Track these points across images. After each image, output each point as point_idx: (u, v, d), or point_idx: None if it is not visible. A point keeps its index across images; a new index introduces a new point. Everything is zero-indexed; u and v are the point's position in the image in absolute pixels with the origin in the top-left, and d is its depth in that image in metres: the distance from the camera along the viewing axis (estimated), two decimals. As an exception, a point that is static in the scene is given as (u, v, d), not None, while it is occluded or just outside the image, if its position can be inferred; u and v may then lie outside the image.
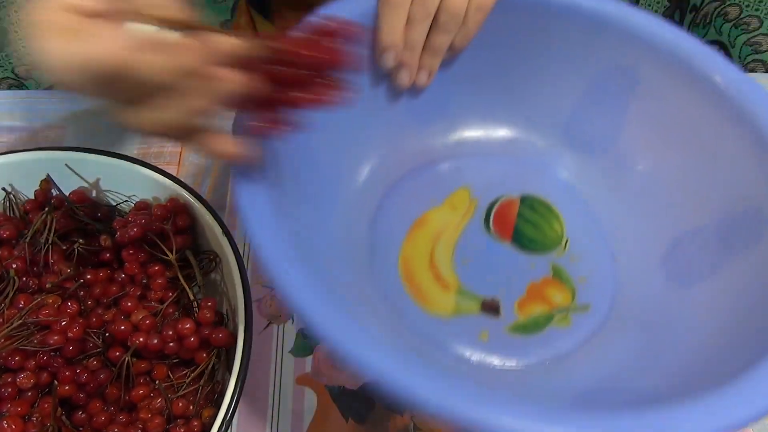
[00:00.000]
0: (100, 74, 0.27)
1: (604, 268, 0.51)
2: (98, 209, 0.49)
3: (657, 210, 0.50)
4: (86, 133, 0.60)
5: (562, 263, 0.51)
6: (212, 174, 0.59)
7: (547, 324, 0.48)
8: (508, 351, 0.46)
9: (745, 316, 0.39)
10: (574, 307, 0.49)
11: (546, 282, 0.50)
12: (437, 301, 0.48)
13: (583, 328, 0.48)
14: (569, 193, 0.54)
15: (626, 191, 0.52)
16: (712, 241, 0.45)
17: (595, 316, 0.48)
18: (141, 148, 0.61)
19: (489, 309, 0.48)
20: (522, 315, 0.48)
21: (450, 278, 0.49)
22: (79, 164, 0.49)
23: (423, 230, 0.52)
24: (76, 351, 0.43)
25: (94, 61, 0.27)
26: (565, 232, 0.52)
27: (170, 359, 0.44)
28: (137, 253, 0.46)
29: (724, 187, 0.44)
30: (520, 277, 0.50)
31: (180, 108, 0.28)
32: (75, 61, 0.27)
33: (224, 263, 0.46)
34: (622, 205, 0.53)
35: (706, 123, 0.45)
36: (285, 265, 0.34)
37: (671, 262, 0.48)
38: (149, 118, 0.29)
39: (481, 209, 0.53)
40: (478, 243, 0.51)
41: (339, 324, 0.32)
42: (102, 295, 0.46)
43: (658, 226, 0.50)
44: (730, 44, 0.83)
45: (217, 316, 0.44)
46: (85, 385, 0.42)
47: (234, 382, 0.40)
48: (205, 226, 0.47)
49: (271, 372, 0.50)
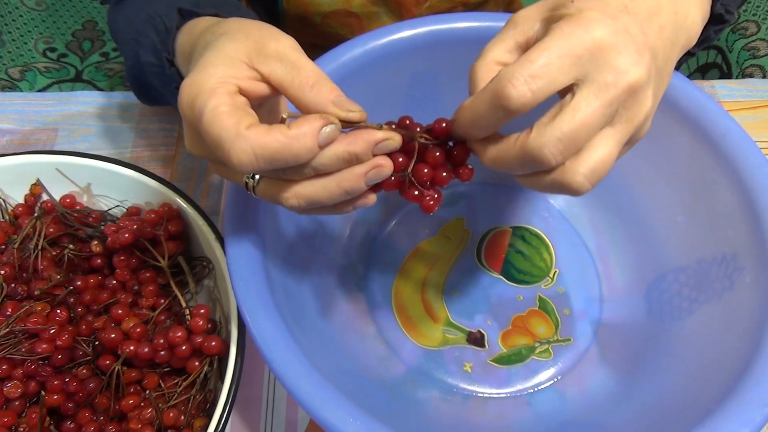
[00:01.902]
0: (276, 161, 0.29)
1: (590, 302, 0.52)
2: (89, 214, 0.49)
3: (646, 245, 0.51)
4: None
5: (548, 295, 0.52)
6: (205, 179, 0.59)
7: (529, 355, 0.49)
8: (490, 381, 0.48)
9: (720, 356, 0.40)
10: (556, 339, 0.50)
11: (531, 314, 0.51)
12: (426, 332, 0.50)
13: (564, 360, 0.49)
14: (561, 223, 0.56)
15: (619, 224, 0.54)
16: (692, 281, 0.46)
17: (577, 348, 0.50)
18: (134, 152, 0.60)
19: (474, 341, 0.50)
20: (505, 347, 0.50)
21: (439, 310, 0.51)
22: (70, 168, 0.49)
23: (417, 261, 0.53)
24: (65, 359, 0.42)
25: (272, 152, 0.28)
26: (555, 262, 0.54)
27: (161, 368, 0.44)
28: (128, 259, 0.46)
29: (709, 230, 0.45)
30: (507, 309, 0.51)
31: (333, 185, 0.31)
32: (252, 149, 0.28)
33: (217, 270, 0.45)
34: (613, 238, 0.54)
35: (698, 166, 0.45)
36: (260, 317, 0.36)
37: (654, 297, 0.49)
38: (301, 193, 0.31)
39: (474, 240, 0.55)
40: (468, 274, 0.53)
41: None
42: (92, 302, 0.46)
43: (645, 262, 0.51)
44: (727, 49, 0.83)
45: (210, 323, 0.44)
46: (74, 394, 0.42)
47: (226, 391, 0.39)
48: (198, 232, 0.47)
49: (265, 381, 0.49)
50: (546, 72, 0.28)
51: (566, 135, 0.28)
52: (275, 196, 0.31)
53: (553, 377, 0.48)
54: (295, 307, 0.42)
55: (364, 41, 0.45)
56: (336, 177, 0.30)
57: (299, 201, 0.31)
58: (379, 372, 0.47)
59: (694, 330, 0.44)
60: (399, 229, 0.55)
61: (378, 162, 0.31)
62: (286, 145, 0.28)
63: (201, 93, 0.29)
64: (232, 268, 0.37)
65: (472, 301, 0.52)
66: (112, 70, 0.92)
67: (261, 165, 0.28)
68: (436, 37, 0.46)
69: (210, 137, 0.29)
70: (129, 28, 0.49)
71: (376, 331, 0.50)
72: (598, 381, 0.47)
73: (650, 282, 0.50)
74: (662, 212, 0.49)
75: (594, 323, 0.51)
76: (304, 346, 0.36)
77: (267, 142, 0.28)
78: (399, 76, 0.48)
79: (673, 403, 0.40)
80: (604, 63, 0.28)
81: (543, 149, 0.28)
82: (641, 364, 0.46)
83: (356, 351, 0.47)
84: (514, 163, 0.30)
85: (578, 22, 0.29)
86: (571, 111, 0.28)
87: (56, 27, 0.93)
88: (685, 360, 0.43)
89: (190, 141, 0.33)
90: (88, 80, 0.91)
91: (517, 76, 0.28)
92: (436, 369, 0.48)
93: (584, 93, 0.28)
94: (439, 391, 0.47)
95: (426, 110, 0.38)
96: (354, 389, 0.40)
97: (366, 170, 0.30)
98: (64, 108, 0.63)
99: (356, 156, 0.30)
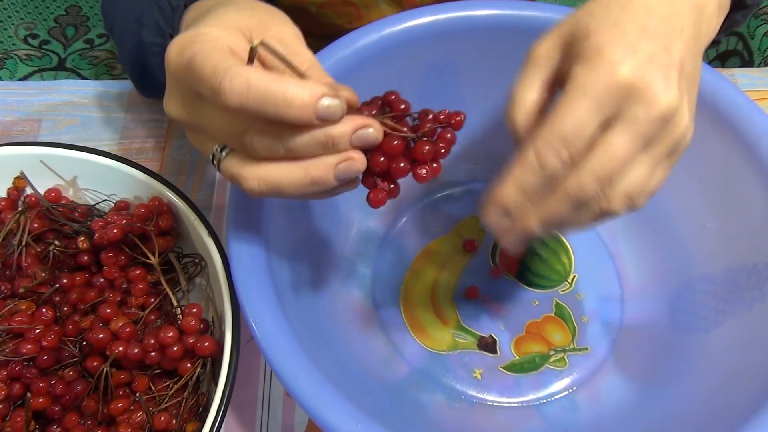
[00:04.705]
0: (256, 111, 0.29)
1: (610, 309, 0.52)
2: (75, 209, 0.49)
3: (672, 252, 0.51)
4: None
5: (565, 301, 0.52)
6: (197, 172, 0.59)
7: (543, 363, 0.49)
8: (501, 389, 0.48)
9: (747, 371, 0.40)
10: (572, 348, 0.50)
11: (547, 320, 0.51)
12: (434, 335, 0.50)
13: (580, 370, 0.49)
14: None
15: (644, 227, 0.53)
16: (719, 291, 0.46)
17: (594, 358, 0.50)
18: (121, 144, 0.61)
19: (485, 347, 0.50)
20: (518, 354, 0.50)
21: (449, 313, 0.51)
22: (54, 161, 0.49)
23: (427, 260, 0.53)
24: (51, 361, 0.43)
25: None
26: (574, 267, 0.54)
27: (152, 370, 0.44)
28: (117, 256, 0.46)
29: (740, 238, 0.45)
30: (521, 314, 0.51)
31: (300, 173, 0.31)
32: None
33: (210, 267, 0.46)
34: (637, 242, 0.53)
35: (731, 169, 0.45)
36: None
37: (678, 307, 0.49)
38: (264, 176, 0.31)
39: (489, 240, 0.55)
40: (482, 276, 0.53)
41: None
42: (79, 300, 0.46)
43: (670, 269, 0.51)
44: (749, 35, 0.83)
45: (203, 323, 0.44)
46: (61, 397, 0.42)
47: (220, 394, 0.40)
48: (189, 228, 0.47)
49: (260, 384, 0.49)
50: (578, 133, 0.30)
51: (601, 172, 0.30)
52: (237, 175, 0.31)
53: (567, 387, 0.48)
54: (297, 303, 0.42)
55: (380, 27, 0.45)
56: (304, 163, 0.30)
57: (260, 185, 0.31)
58: (382, 373, 0.47)
59: (720, 343, 0.44)
60: (410, 226, 0.55)
61: (350, 155, 0.31)
62: (282, 90, 0.28)
63: (194, 43, 0.30)
64: (233, 260, 0.38)
65: (485, 304, 0.52)
66: (97, 58, 0.92)
67: (250, 99, 0.28)
68: (457, 24, 0.46)
69: (203, 71, 0.29)
70: (129, 9, 0.50)
71: (382, 331, 0.50)
72: (615, 393, 0.47)
73: (675, 291, 0.49)
74: (690, 217, 0.49)
75: (613, 332, 0.50)
76: (305, 343, 0.36)
77: (266, 78, 0.28)
78: (415, 65, 0.48)
79: (693, 418, 0.40)
80: (633, 99, 0.30)
81: (583, 186, 0.30)
82: (661, 377, 0.46)
83: (360, 351, 0.47)
84: (560, 208, 0.31)
85: (599, 66, 0.30)
86: (606, 148, 0.30)
87: (38, 12, 0.93)
88: (708, 374, 0.43)
89: (169, 97, 0.33)
90: (72, 68, 0.91)
91: (552, 146, 0.30)
92: (444, 374, 0.48)
93: (617, 130, 0.30)
94: (445, 395, 0.47)
95: (443, 102, 0.38)
96: (355, 390, 0.40)
97: (338, 161, 0.30)
98: (48, 97, 0.64)
99: (332, 139, 0.30)
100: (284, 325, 0.37)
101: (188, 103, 0.32)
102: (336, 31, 0.46)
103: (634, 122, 0.30)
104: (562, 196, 0.31)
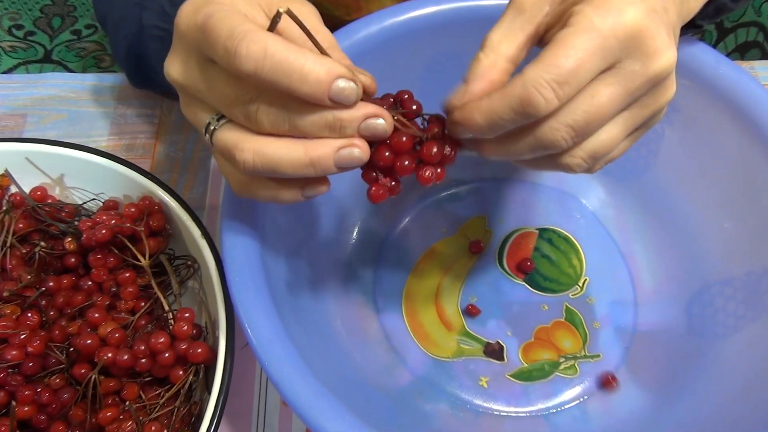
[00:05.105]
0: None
1: (623, 314, 0.51)
2: (62, 208, 0.49)
3: (689, 253, 0.50)
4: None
5: (576, 306, 0.51)
6: (190, 169, 0.59)
7: (553, 371, 0.49)
8: (508, 398, 0.48)
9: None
10: (583, 354, 0.50)
11: (557, 325, 0.51)
12: (438, 341, 0.50)
13: (591, 378, 0.49)
14: (594, 226, 0.55)
15: (659, 227, 0.52)
16: (739, 295, 0.45)
17: (607, 365, 0.49)
18: (110, 141, 0.60)
19: (492, 354, 0.50)
20: (527, 361, 0.49)
21: (454, 317, 0.51)
22: (40, 158, 0.49)
23: (431, 262, 0.53)
24: (36, 367, 0.42)
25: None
26: (585, 270, 0.53)
27: (142, 377, 0.44)
28: (105, 258, 0.46)
29: (761, 238, 0.45)
30: (530, 319, 0.51)
31: (300, 151, 0.30)
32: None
33: (203, 269, 0.45)
34: (651, 243, 0.53)
35: (750, 166, 0.45)
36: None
37: (695, 312, 0.48)
38: (262, 149, 0.30)
39: (496, 241, 0.54)
40: (488, 279, 0.53)
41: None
42: (66, 304, 0.46)
43: (687, 272, 0.50)
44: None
45: (196, 329, 0.44)
46: (47, 405, 0.42)
47: (214, 403, 0.39)
48: (181, 228, 0.47)
49: (255, 392, 0.49)
50: (575, 77, 0.28)
51: (578, 123, 0.29)
52: (232, 145, 0.31)
53: (578, 396, 0.48)
54: (295, 307, 0.42)
55: (381, 18, 0.45)
56: (305, 142, 0.30)
57: (255, 158, 0.30)
58: (383, 381, 0.47)
59: (740, 349, 0.43)
60: (413, 226, 0.55)
61: (355, 141, 0.30)
62: (300, 63, 0.28)
63: (210, 4, 0.29)
64: (228, 262, 0.38)
65: (491, 308, 0.51)
66: (85, 50, 0.92)
67: (265, 67, 0.28)
68: (463, 14, 0.46)
69: (218, 32, 0.28)
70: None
71: (384, 337, 0.50)
72: (629, 402, 0.47)
73: (692, 294, 0.49)
74: (708, 217, 0.49)
75: (626, 338, 0.50)
76: (303, 349, 0.36)
77: (284, 47, 0.28)
78: (417, 58, 0.48)
79: (710, 430, 0.40)
80: (637, 49, 0.29)
81: (555, 134, 0.29)
82: (677, 385, 0.45)
83: (360, 357, 0.47)
84: (524, 151, 0.30)
85: (607, 7, 0.28)
86: (590, 97, 0.29)
87: (23, 2, 0.92)
88: (727, 382, 0.42)
89: (174, 58, 0.32)
90: (58, 61, 0.91)
91: (544, 84, 0.28)
92: (448, 382, 0.48)
93: (608, 80, 0.29)
94: (449, 405, 0.47)
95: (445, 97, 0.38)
96: (355, 398, 0.40)
97: (341, 145, 0.30)
98: (33, 91, 0.63)
99: (341, 123, 0.30)
100: (281, 330, 0.36)
101: (193, 66, 0.31)
102: (335, 23, 0.45)
103: (628, 76, 0.29)
104: (530, 140, 0.30)
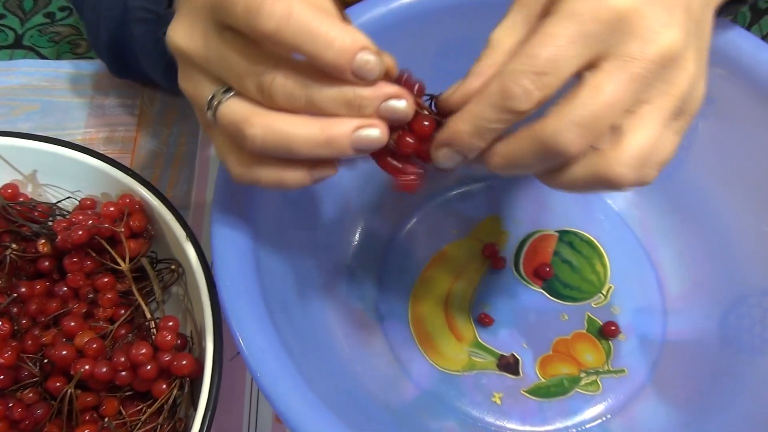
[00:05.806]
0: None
1: (650, 325, 0.50)
2: (35, 207, 0.48)
3: (724, 260, 0.49)
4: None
5: (599, 316, 0.50)
6: (173, 165, 0.58)
7: (573, 387, 0.48)
8: (523, 416, 0.47)
9: None
10: (606, 369, 0.48)
11: (577, 337, 0.50)
12: (447, 353, 0.49)
13: (615, 395, 0.47)
14: (619, 229, 0.53)
15: (690, 230, 0.51)
16: None
17: (632, 381, 0.48)
18: (87, 133, 0.59)
19: (506, 367, 0.48)
20: (544, 376, 0.48)
21: (466, 328, 0.50)
22: (11, 152, 0.48)
23: (441, 267, 0.52)
24: (8, 381, 0.42)
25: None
26: (609, 277, 0.52)
27: (122, 391, 0.43)
28: (82, 262, 0.45)
29: None
30: (548, 330, 0.50)
31: (316, 128, 0.30)
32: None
33: (188, 274, 0.44)
34: (682, 248, 0.51)
35: None
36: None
37: (730, 324, 0.47)
38: (274, 124, 0.30)
39: (512, 244, 0.53)
40: (502, 286, 0.51)
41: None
42: (39, 312, 0.45)
43: (721, 280, 0.49)
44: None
45: (180, 338, 0.43)
46: (19, 422, 0.41)
47: (200, 419, 0.38)
48: (165, 229, 0.46)
49: (246, 407, 0.48)
50: (554, 66, 0.27)
51: (586, 119, 0.27)
52: (242, 119, 0.30)
53: (601, 415, 0.47)
54: (290, 314, 0.41)
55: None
56: (322, 120, 0.30)
57: (265, 133, 0.30)
58: (386, 396, 0.46)
59: None
60: (420, 227, 0.53)
61: (372, 122, 0.30)
62: (326, 28, 0.27)
63: None
64: (217, 263, 0.36)
65: (506, 318, 0.50)
66: (59, 35, 0.90)
67: (290, 27, 0.27)
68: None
69: None
70: None
71: (387, 347, 0.48)
72: (656, 421, 0.45)
73: (727, 305, 0.48)
74: (745, 219, 0.47)
75: (654, 352, 0.49)
76: (299, 360, 0.35)
77: (311, 10, 0.27)
78: (427, 43, 0.47)
79: None
80: (628, 32, 0.27)
81: (558, 136, 0.27)
82: (708, 404, 0.44)
83: (361, 370, 0.46)
84: (528, 157, 0.29)
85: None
86: (592, 90, 0.27)
87: (-8, -17, 0.91)
88: (763, 401, 0.41)
89: (180, 24, 0.31)
90: (30, 46, 0.90)
91: (521, 76, 0.27)
92: (458, 397, 0.47)
93: (606, 69, 0.27)
94: (458, 422, 0.46)
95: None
96: (355, 415, 0.39)
97: (359, 125, 0.30)
98: (3, 80, 0.62)
99: (361, 100, 0.29)
100: (275, 339, 0.35)
101: (202, 32, 0.31)
102: (337, 5, 0.44)
103: (628, 60, 0.27)
104: (532, 142, 0.28)
